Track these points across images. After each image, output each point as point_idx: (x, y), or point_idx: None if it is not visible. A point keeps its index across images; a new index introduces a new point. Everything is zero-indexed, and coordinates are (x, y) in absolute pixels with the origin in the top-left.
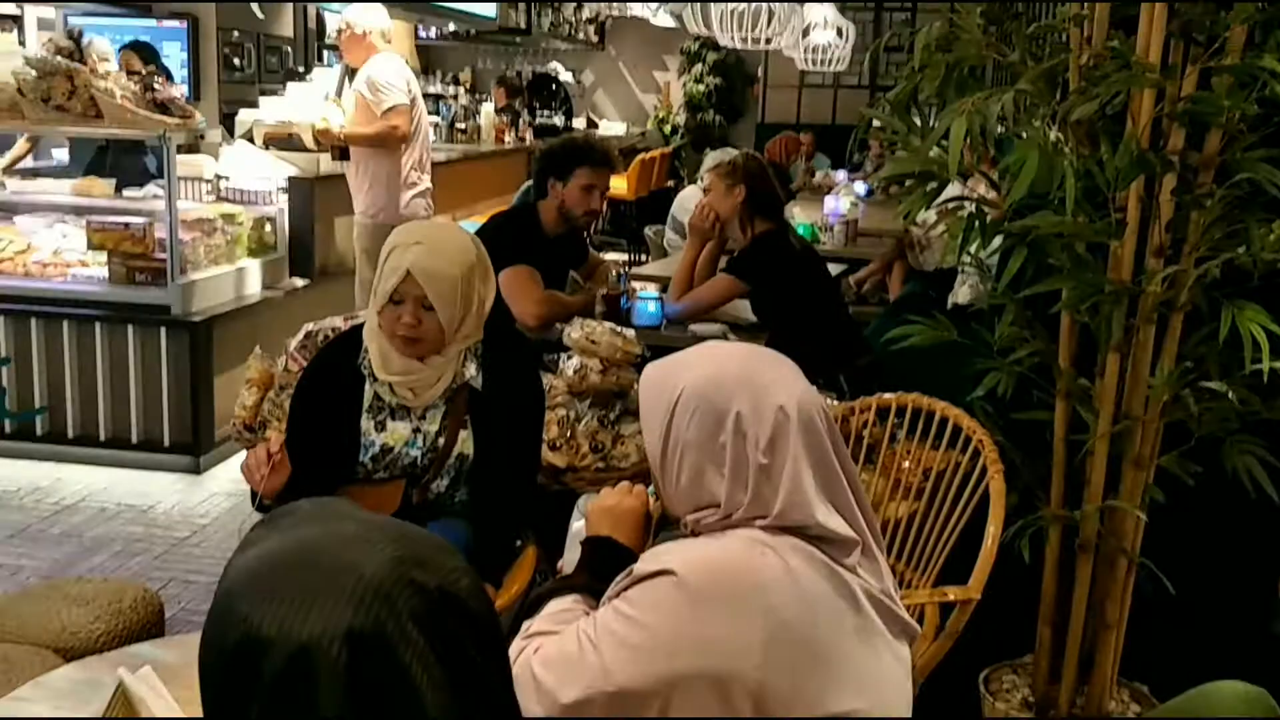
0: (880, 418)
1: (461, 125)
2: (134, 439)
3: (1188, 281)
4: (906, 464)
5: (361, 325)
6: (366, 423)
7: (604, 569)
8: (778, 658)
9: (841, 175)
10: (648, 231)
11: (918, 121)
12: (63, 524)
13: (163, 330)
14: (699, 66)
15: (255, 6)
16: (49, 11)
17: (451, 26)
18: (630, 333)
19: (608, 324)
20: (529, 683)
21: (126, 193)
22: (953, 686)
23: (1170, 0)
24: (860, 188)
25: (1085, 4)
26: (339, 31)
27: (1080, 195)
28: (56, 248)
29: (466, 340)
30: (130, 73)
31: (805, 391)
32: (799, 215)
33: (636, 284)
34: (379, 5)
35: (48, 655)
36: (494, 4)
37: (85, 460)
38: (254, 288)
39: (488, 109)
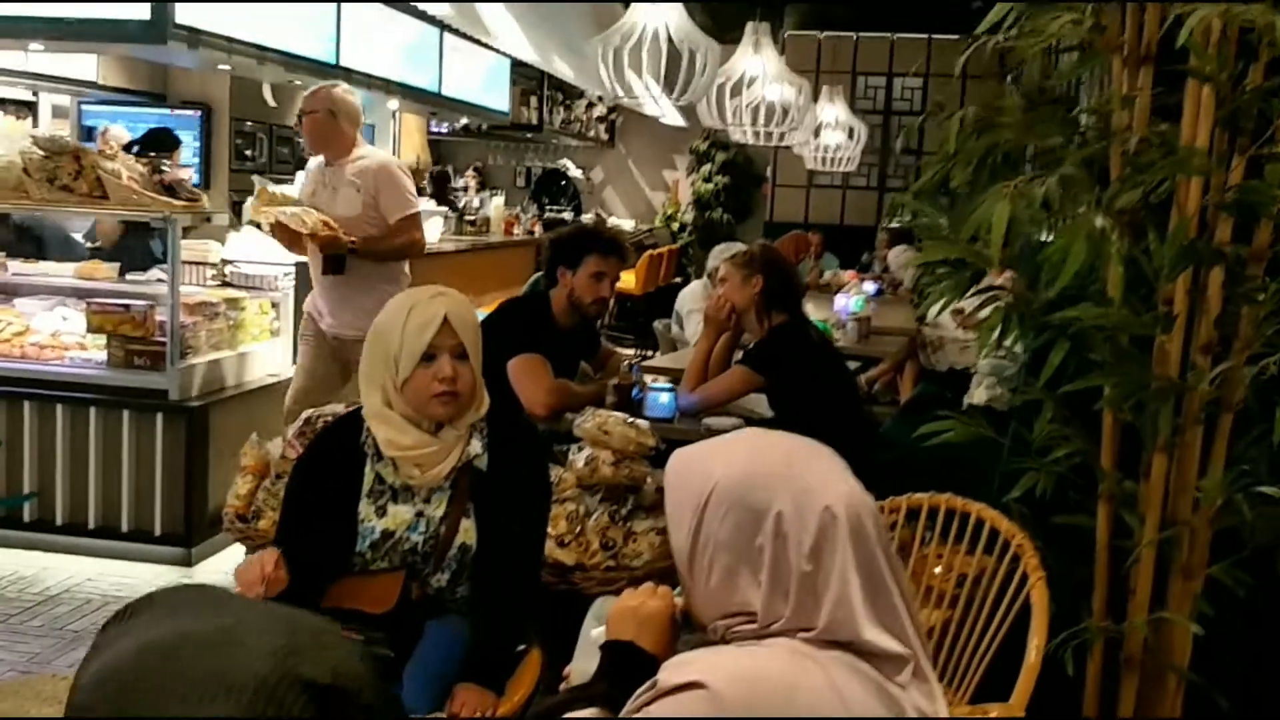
0: (909, 519)
1: (471, 217)
2: (124, 527)
3: (1241, 380)
4: (938, 569)
5: (358, 409)
6: (366, 508)
7: (626, 677)
8: None
9: (850, 274)
10: (657, 325)
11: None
12: (44, 615)
13: (159, 416)
14: (708, 165)
15: (267, 93)
16: (64, 100)
17: (463, 121)
18: (644, 424)
19: (621, 415)
20: None
21: (130, 276)
22: None
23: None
24: (870, 287)
25: (1130, 88)
26: (304, 115)
27: (1124, 287)
28: (55, 330)
29: (477, 411)
30: (139, 156)
31: (854, 491)
32: (811, 312)
33: (649, 376)
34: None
35: None
36: (506, 100)
37: (73, 549)
38: (256, 374)
39: (497, 202)
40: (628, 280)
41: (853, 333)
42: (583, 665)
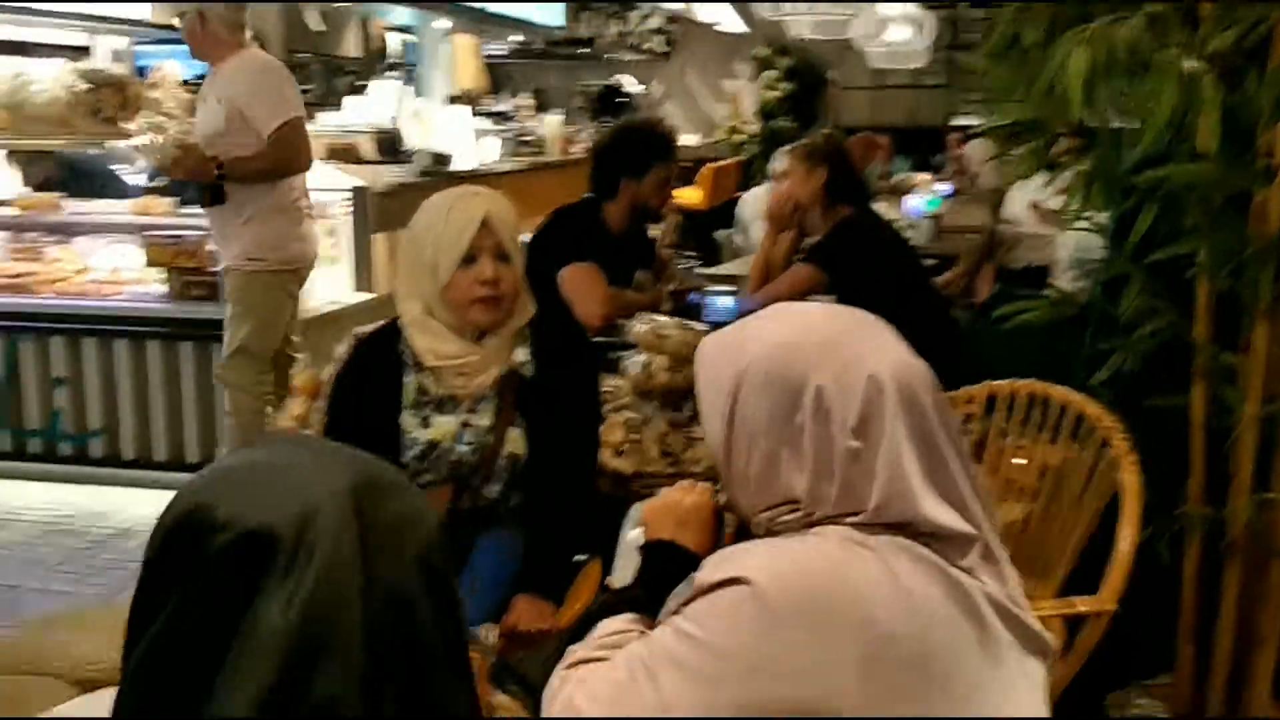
0: (988, 410)
1: (527, 138)
2: (190, 459)
3: None
4: (1020, 460)
5: (395, 320)
6: (409, 419)
7: (667, 578)
8: (881, 681)
9: (922, 176)
10: (718, 236)
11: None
12: (114, 550)
13: (215, 346)
14: (771, 72)
15: (311, 19)
16: (122, 43)
17: (513, 37)
18: (701, 326)
19: (676, 319)
20: None
21: (187, 209)
22: (1076, 712)
23: None
24: (943, 187)
25: None
26: (180, 17)
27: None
28: (114, 266)
29: (521, 317)
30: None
31: (904, 358)
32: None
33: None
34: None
35: (62, 688)
36: (561, 14)
37: (141, 483)
38: (315, 300)
39: (551, 120)
40: (692, 195)
41: (925, 231)
42: (624, 573)
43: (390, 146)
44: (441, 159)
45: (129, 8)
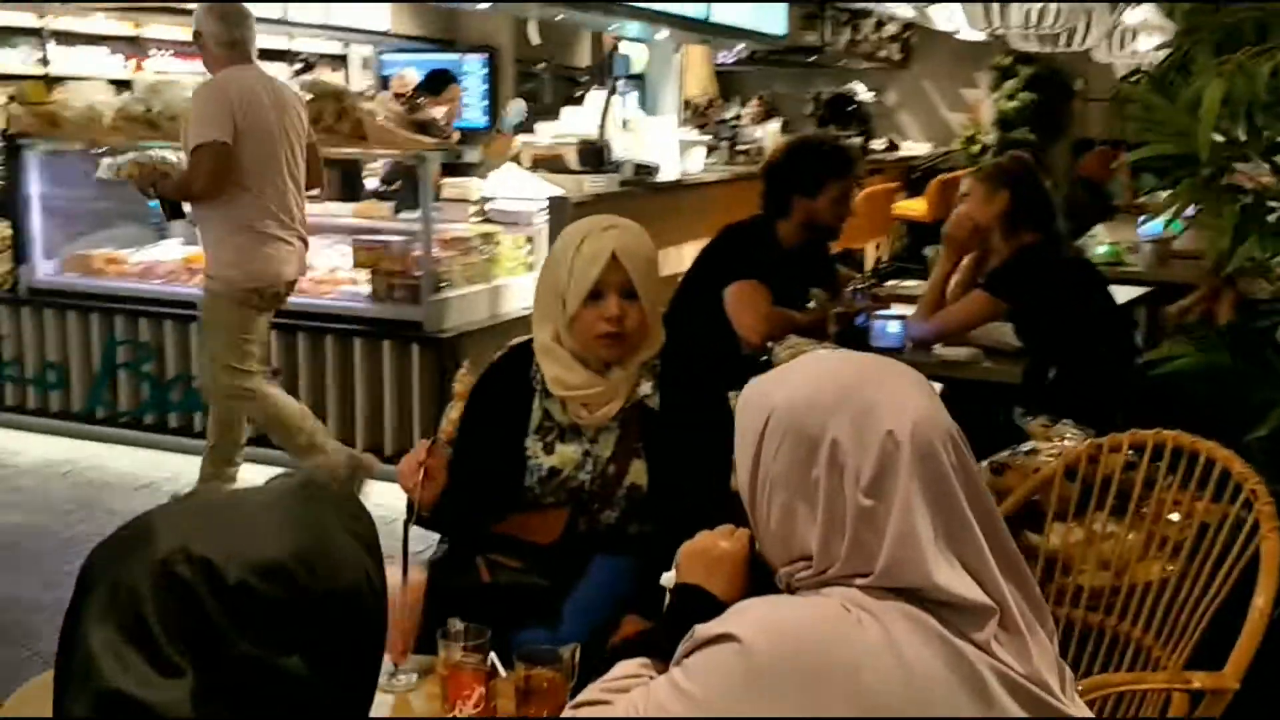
0: (1145, 457)
1: (744, 147)
2: (388, 450)
3: None
4: (1176, 516)
5: (530, 340)
6: (534, 444)
7: (690, 623)
8: None
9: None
10: (927, 252)
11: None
12: None
13: (414, 346)
14: (1012, 81)
15: (532, 32)
16: (368, 50)
17: (739, 48)
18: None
19: (826, 342)
20: None
21: (404, 215)
22: None
23: None
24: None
25: None
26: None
27: None
28: (333, 266)
29: (649, 350)
30: (397, 96)
31: (927, 413)
32: (1103, 235)
33: (878, 302)
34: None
35: None
36: (783, 23)
37: None
38: (509, 306)
39: (772, 128)
40: (917, 207)
41: (1147, 257)
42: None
43: (595, 156)
44: (645, 169)
45: (374, 19)
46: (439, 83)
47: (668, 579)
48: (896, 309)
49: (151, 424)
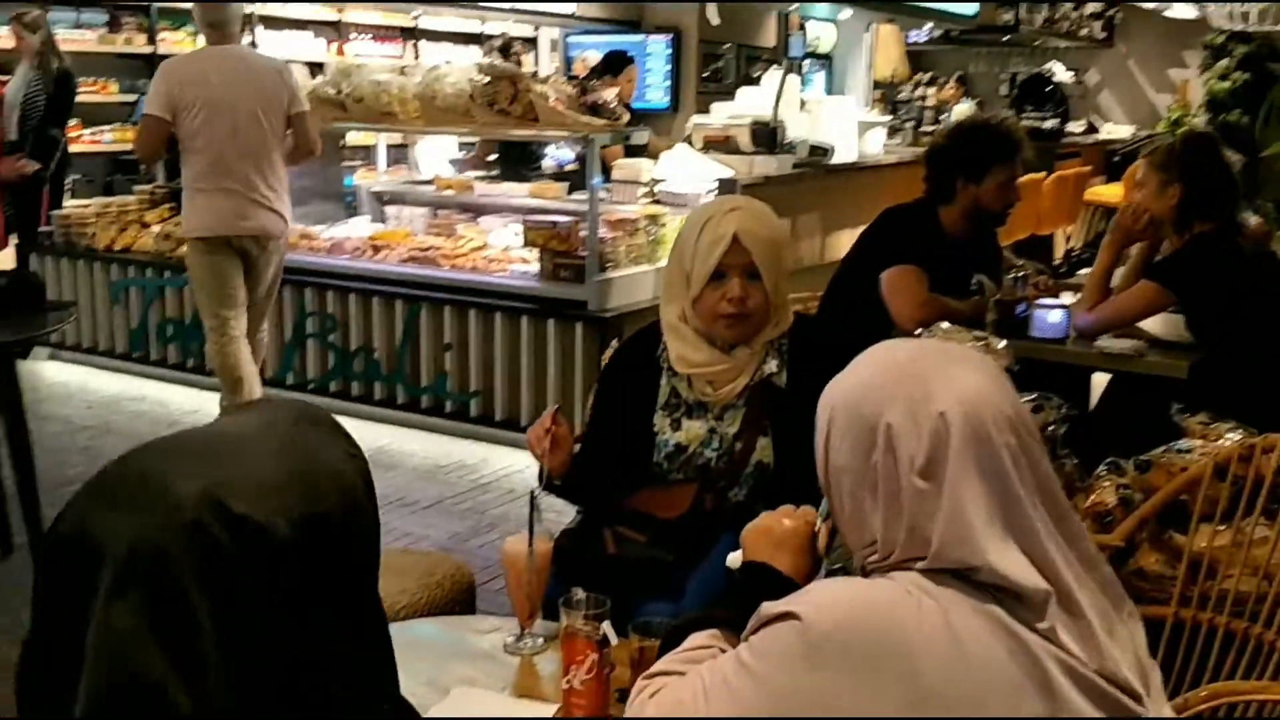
0: None
1: (929, 128)
2: (589, 419)
3: None
4: None
5: (659, 320)
6: (661, 420)
7: (758, 600)
8: None
9: None
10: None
11: None
12: (472, 500)
13: (578, 325)
14: (1225, 61)
15: (711, 13)
16: (556, 32)
17: (928, 28)
18: (1001, 343)
19: (974, 331)
20: None
21: (576, 195)
22: None
23: None
24: None
25: None
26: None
27: None
28: (507, 245)
29: (775, 329)
30: (570, 77)
31: (982, 394)
32: None
33: (1043, 290)
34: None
35: None
36: (975, 2)
37: (508, 443)
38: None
39: (960, 110)
40: (1112, 192)
41: None
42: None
43: (768, 137)
44: (819, 151)
45: (561, 5)
46: (617, 64)
47: (734, 559)
48: (1067, 298)
49: (335, 391)
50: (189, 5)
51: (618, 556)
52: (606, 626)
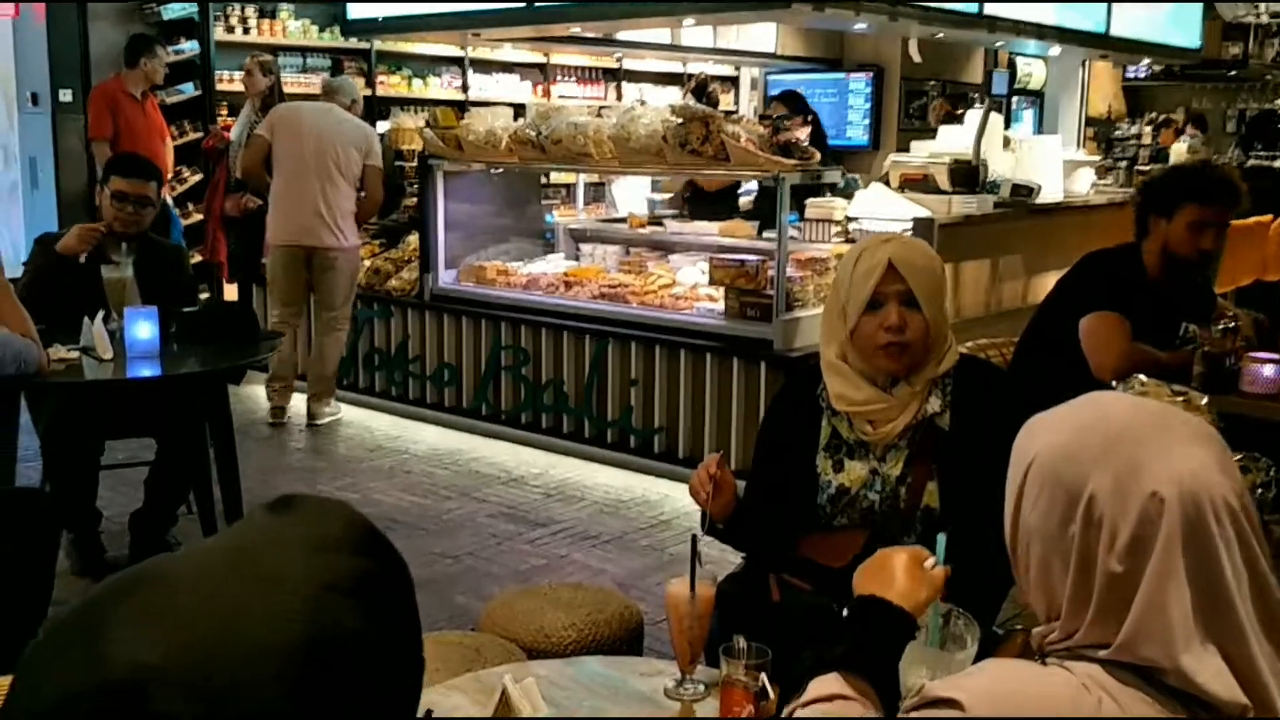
0: None
1: (1143, 166)
2: (733, 465)
3: None
4: None
5: (819, 358)
6: (823, 462)
7: (872, 634)
8: None
9: None
10: None
11: None
12: (652, 537)
13: (763, 365)
14: None
15: (913, 49)
16: (757, 71)
17: (1145, 63)
18: (1203, 399)
19: (1173, 385)
20: None
21: (767, 233)
22: None
23: None
24: None
25: None
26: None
27: None
28: (695, 283)
29: (937, 367)
30: (763, 118)
31: (1204, 476)
32: None
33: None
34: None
35: (515, 652)
36: (1196, 36)
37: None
38: None
39: (1179, 149)
40: None
41: None
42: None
43: (968, 176)
44: (1023, 190)
45: (762, 42)
46: (796, 102)
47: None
48: None
49: (526, 423)
50: (405, 50)
51: (782, 604)
52: (764, 678)
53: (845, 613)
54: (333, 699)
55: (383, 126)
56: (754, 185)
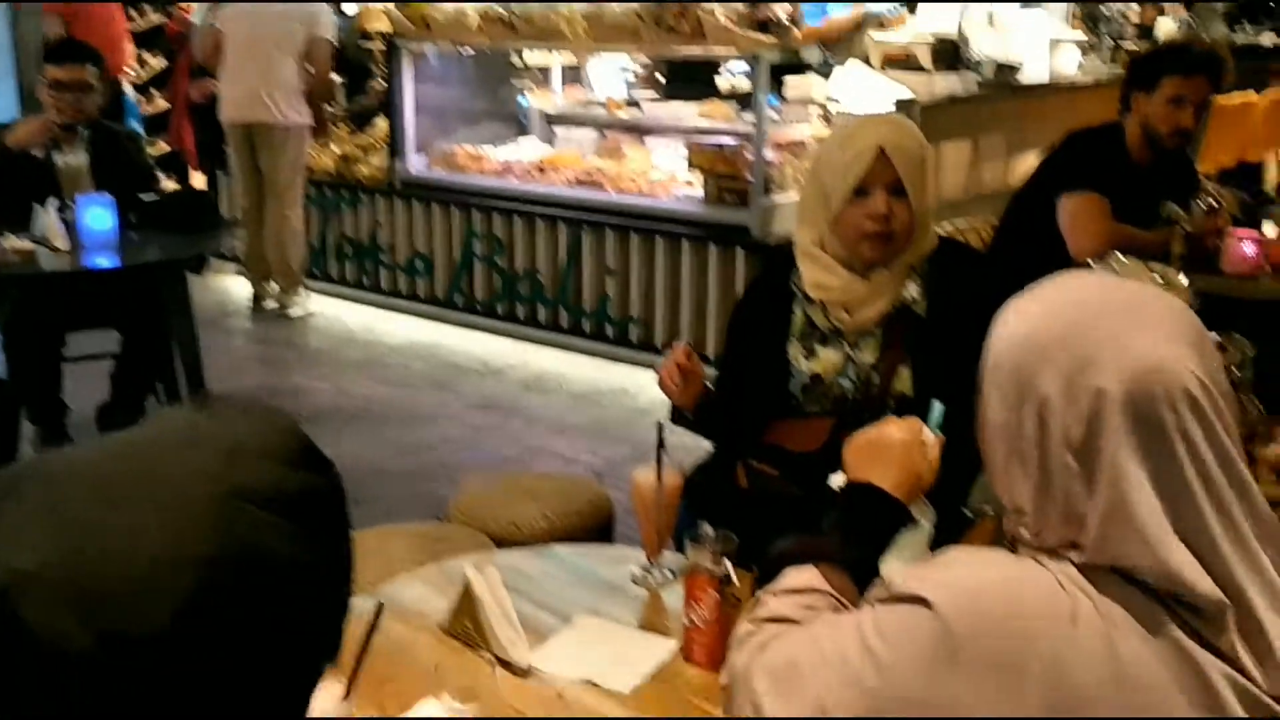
0: None
1: (1131, 45)
2: (710, 354)
3: None
4: None
5: (792, 245)
6: (795, 350)
7: (865, 525)
8: None
9: None
10: None
11: None
12: (632, 426)
13: (739, 252)
14: None
15: None
16: None
17: None
18: (1181, 277)
19: (1151, 264)
20: (746, 693)
21: (748, 115)
22: None
23: None
24: None
25: None
26: None
27: None
28: (673, 168)
29: (916, 252)
30: None
31: (1160, 364)
32: None
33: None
34: None
35: (484, 542)
36: None
37: None
38: None
39: (1167, 26)
40: None
41: None
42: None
43: (951, 55)
44: (1007, 69)
45: None
46: None
47: (836, 480)
48: (1270, 230)
49: (502, 314)
50: None
51: (749, 491)
52: (728, 564)
53: (835, 486)
54: (235, 623)
55: (351, 9)
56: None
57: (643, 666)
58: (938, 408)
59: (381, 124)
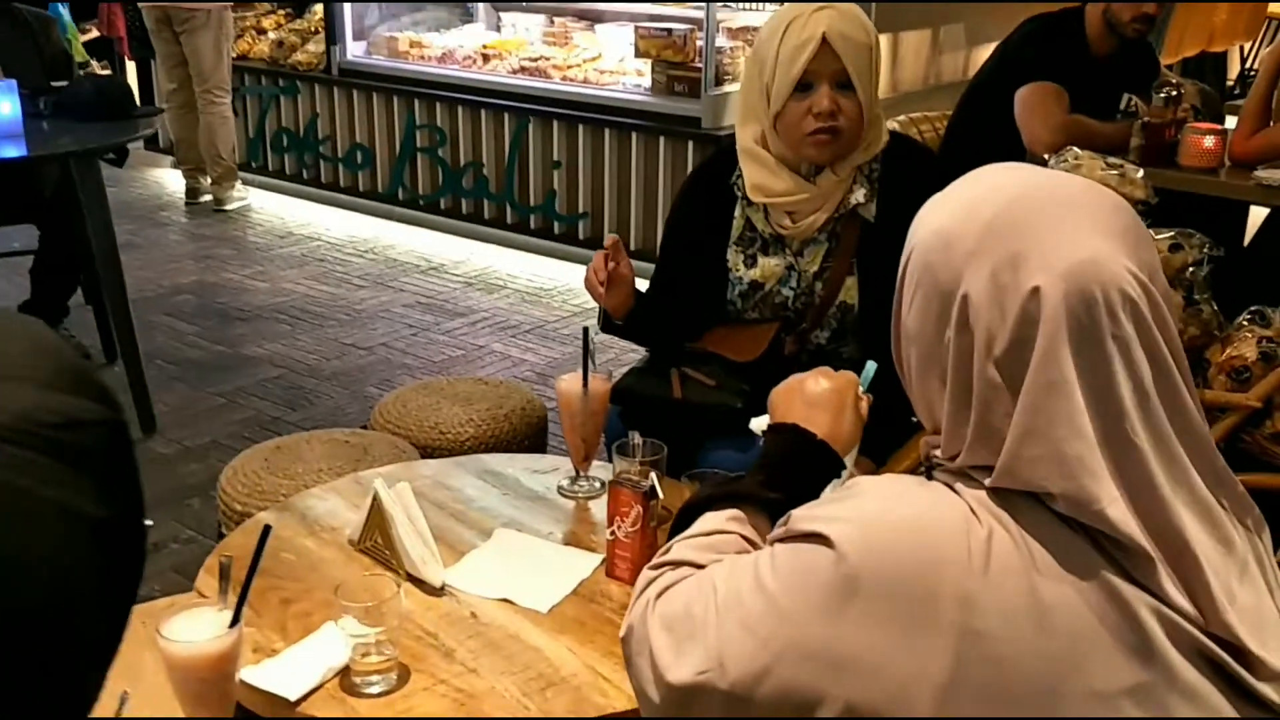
0: None
1: None
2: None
3: None
4: None
5: (735, 142)
6: (734, 256)
7: (789, 470)
8: (968, 706)
9: None
10: None
11: None
12: (575, 327)
13: (690, 144)
14: None
15: None
16: None
17: None
18: (1139, 172)
19: (1111, 158)
20: (644, 642)
21: None
22: None
23: None
24: None
25: None
26: None
27: None
28: (623, 56)
29: (866, 152)
30: None
31: (1096, 262)
32: None
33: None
34: None
35: (407, 450)
36: None
37: None
38: None
39: None
40: None
41: None
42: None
43: None
44: None
45: None
46: None
47: (759, 423)
48: (1231, 123)
49: (444, 209)
50: None
51: (684, 401)
52: (653, 477)
53: (758, 430)
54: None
55: None
56: None
57: (563, 584)
58: (871, 366)
59: (318, 8)
